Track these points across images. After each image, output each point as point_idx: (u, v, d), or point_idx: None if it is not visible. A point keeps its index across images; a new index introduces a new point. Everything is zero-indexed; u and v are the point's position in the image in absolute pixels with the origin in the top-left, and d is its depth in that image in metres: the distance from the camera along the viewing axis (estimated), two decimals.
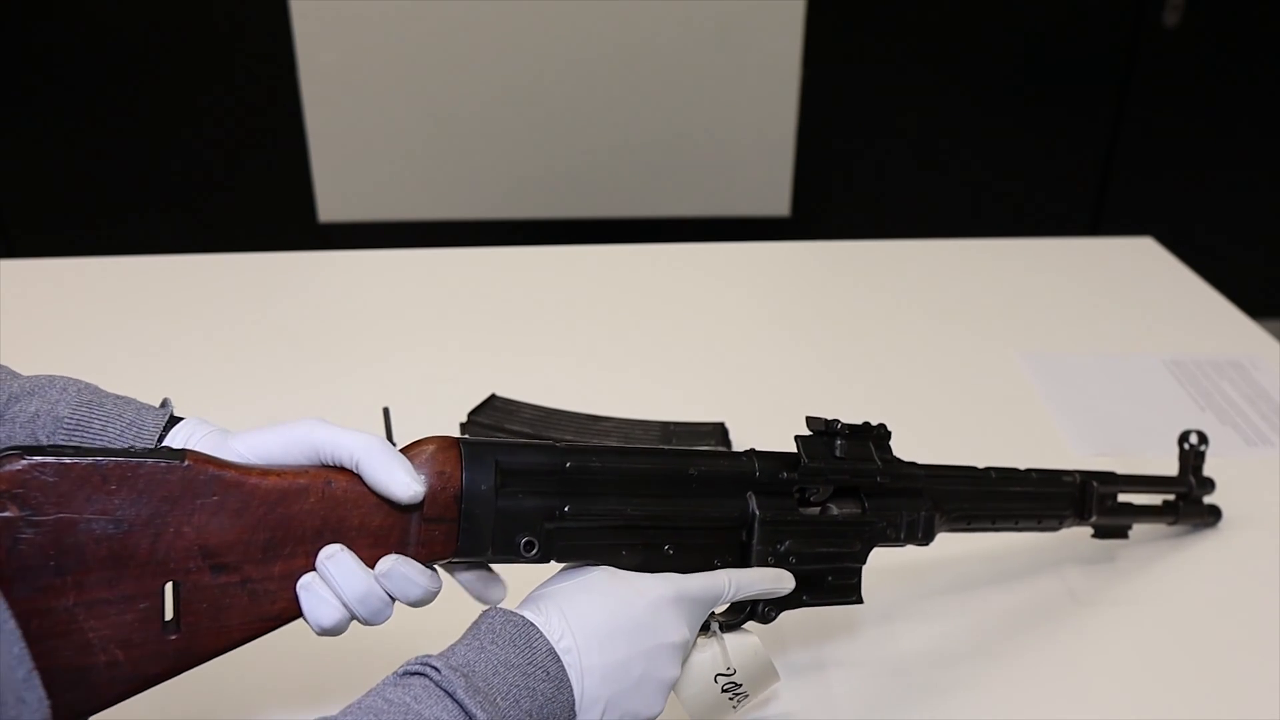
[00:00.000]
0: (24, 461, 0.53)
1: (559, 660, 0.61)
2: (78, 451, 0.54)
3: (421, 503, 0.61)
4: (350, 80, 2.53)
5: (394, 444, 0.62)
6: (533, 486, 0.65)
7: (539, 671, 0.60)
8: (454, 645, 0.61)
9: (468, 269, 1.63)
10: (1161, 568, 1.04)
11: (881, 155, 2.88)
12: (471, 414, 1.17)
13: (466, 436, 0.65)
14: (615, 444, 0.69)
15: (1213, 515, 1.08)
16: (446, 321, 1.46)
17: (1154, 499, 1.05)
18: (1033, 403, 1.31)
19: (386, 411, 1.13)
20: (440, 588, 0.63)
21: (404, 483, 0.59)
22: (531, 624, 0.62)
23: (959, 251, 1.72)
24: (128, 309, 1.46)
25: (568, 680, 0.61)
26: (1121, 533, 1.02)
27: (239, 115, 2.66)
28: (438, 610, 0.66)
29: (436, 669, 0.57)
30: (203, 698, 0.82)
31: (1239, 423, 1.28)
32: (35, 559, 0.53)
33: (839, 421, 0.76)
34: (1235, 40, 2.79)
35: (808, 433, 0.77)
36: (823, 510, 0.77)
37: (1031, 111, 2.84)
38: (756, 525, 0.72)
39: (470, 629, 0.62)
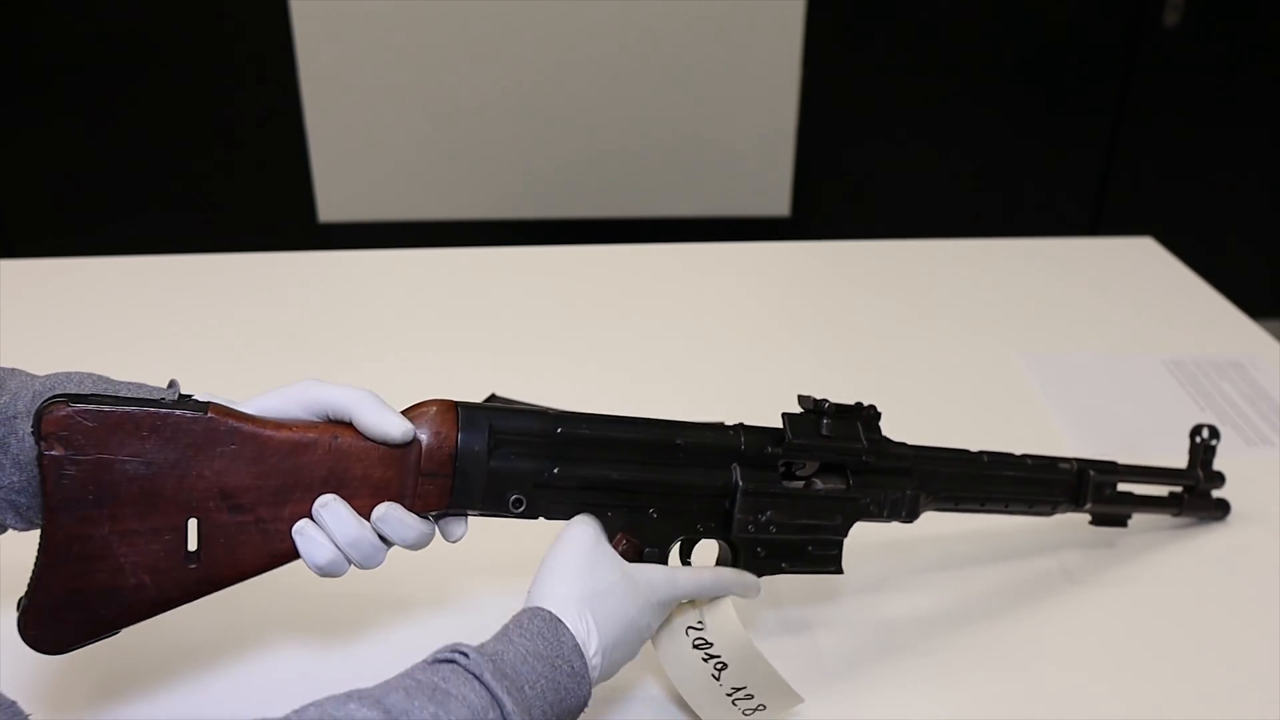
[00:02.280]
0: (69, 408, 0.61)
1: (583, 656, 0.65)
2: (115, 400, 0.62)
3: (419, 459, 0.66)
4: (350, 80, 2.53)
5: None
6: (524, 449, 0.69)
7: (564, 665, 0.64)
8: (484, 642, 0.64)
9: (468, 269, 1.63)
10: (1160, 556, 1.05)
11: (881, 155, 2.88)
12: None
13: (464, 400, 0.69)
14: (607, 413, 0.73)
15: (1221, 510, 1.09)
16: (446, 321, 1.46)
17: (1161, 490, 1.06)
18: (1033, 403, 1.31)
19: None
20: (434, 534, 0.69)
21: (396, 424, 0.65)
22: (559, 619, 0.66)
23: (959, 251, 1.72)
24: (128, 309, 1.46)
25: (588, 677, 0.65)
26: (1120, 521, 1.03)
27: (239, 115, 2.66)
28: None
29: (465, 654, 0.61)
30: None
31: (1239, 423, 1.28)
32: (77, 492, 0.61)
33: (827, 401, 0.80)
34: (1235, 40, 2.79)
35: (798, 410, 0.81)
36: (807, 484, 0.80)
37: (1031, 111, 2.84)
38: (739, 495, 0.76)
39: (499, 630, 0.66)
